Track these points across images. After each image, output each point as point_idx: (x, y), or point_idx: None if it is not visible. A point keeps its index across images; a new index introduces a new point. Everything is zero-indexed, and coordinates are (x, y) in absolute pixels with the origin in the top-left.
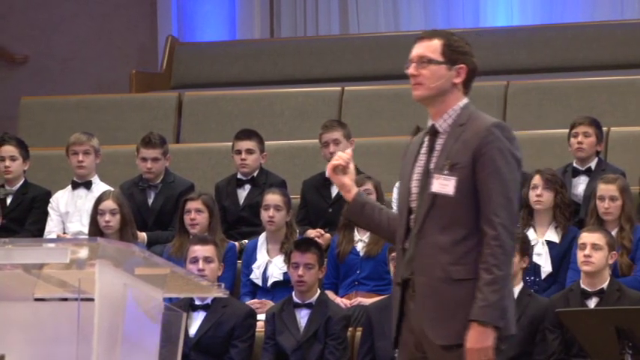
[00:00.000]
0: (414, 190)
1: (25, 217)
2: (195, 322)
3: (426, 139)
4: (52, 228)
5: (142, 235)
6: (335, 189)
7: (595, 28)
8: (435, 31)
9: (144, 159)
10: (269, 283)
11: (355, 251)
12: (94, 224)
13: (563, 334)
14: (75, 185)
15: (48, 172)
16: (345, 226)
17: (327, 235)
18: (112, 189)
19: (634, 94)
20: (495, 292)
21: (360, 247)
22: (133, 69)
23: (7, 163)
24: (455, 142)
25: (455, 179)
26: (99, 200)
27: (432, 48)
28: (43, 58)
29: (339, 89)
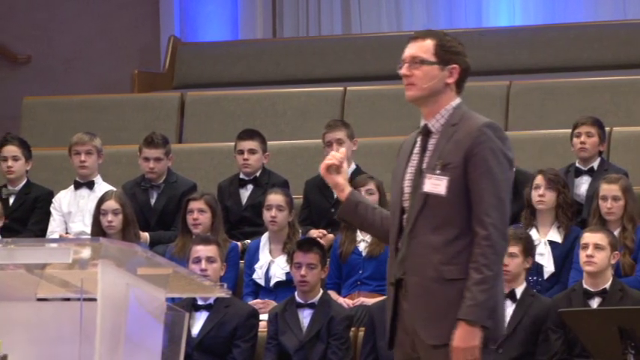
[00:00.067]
0: (406, 190)
1: (28, 217)
2: (198, 322)
3: (419, 138)
4: (54, 228)
5: (145, 235)
6: None
7: (598, 28)
8: (428, 31)
9: (146, 159)
10: (271, 283)
11: (358, 251)
12: (96, 224)
13: (565, 334)
14: (77, 185)
15: (50, 172)
16: (348, 226)
17: (330, 235)
18: (115, 189)
19: (637, 94)
20: (484, 292)
21: (363, 247)
22: (135, 69)
23: (10, 163)
24: (447, 142)
25: (447, 179)
26: (101, 200)
27: (424, 48)
28: (45, 58)
29: (341, 89)
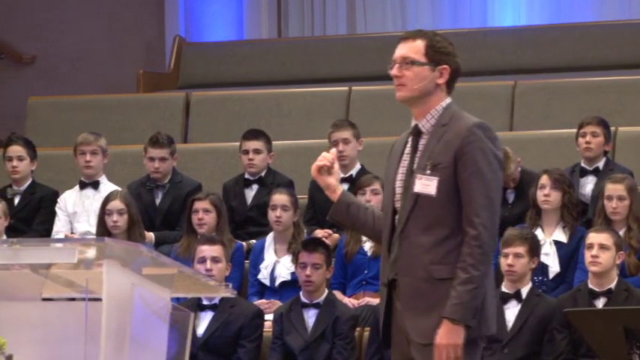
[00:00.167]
0: (398, 191)
1: (33, 217)
2: (203, 322)
3: (410, 139)
4: (59, 228)
5: (150, 235)
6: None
7: (603, 27)
8: (418, 32)
9: (151, 159)
10: (277, 283)
11: (363, 251)
12: (101, 224)
13: (571, 334)
14: (82, 185)
15: (55, 172)
16: None
17: (335, 235)
18: (120, 189)
19: None
20: (469, 292)
21: (368, 247)
22: (140, 69)
23: (15, 163)
24: (437, 143)
25: (437, 179)
26: (106, 200)
27: (415, 49)
28: (50, 58)
29: (346, 89)
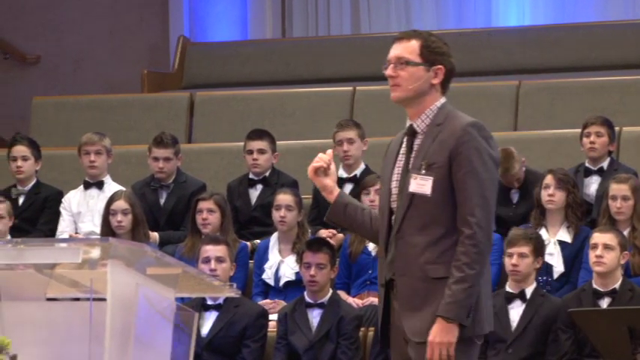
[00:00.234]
0: (394, 191)
1: (37, 217)
2: (208, 322)
3: (405, 139)
4: (64, 228)
5: (154, 235)
6: (347, 189)
7: (607, 27)
8: (413, 32)
9: (156, 159)
10: (281, 283)
11: (367, 251)
12: (105, 224)
13: (575, 334)
14: (87, 185)
15: (60, 172)
16: None
17: (340, 235)
18: (124, 189)
19: None
20: (464, 290)
21: (372, 246)
22: (144, 69)
23: (19, 163)
24: (432, 142)
25: (432, 179)
26: (111, 200)
27: (409, 49)
28: (54, 58)
29: (350, 89)
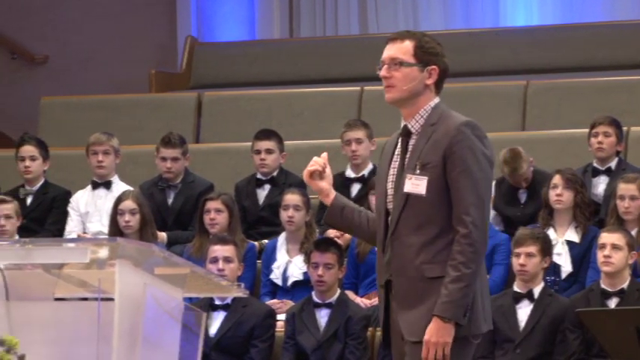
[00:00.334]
0: (390, 192)
1: (45, 217)
2: (216, 322)
3: (400, 139)
4: (72, 228)
5: (162, 235)
6: (355, 189)
7: (615, 27)
8: (407, 33)
9: (163, 159)
10: (289, 283)
11: (375, 251)
12: (113, 224)
13: (583, 334)
14: (95, 185)
15: (68, 172)
16: None
17: (347, 235)
18: (132, 189)
19: None
20: (460, 290)
21: None
22: (152, 69)
23: (27, 163)
24: (426, 142)
25: (426, 179)
26: (119, 200)
27: (403, 50)
28: (62, 58)
29: (358, 89)
